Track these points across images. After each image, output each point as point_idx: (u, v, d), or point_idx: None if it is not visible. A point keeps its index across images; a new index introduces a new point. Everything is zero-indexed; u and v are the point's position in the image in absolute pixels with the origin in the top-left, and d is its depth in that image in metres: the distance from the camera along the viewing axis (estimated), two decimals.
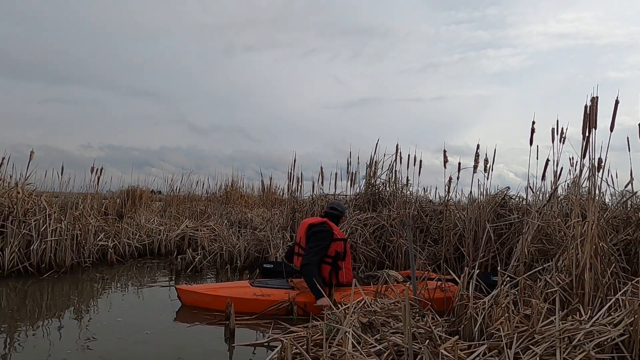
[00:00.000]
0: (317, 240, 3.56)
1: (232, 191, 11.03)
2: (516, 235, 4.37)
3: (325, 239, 3.58)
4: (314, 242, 3.55)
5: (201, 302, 3.47)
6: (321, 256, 3.54)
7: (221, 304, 3.34)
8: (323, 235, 3.59)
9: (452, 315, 2.84)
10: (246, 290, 3.47)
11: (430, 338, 2.38)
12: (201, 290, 3.54)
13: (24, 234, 4.79)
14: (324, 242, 3.56)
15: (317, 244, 3.54)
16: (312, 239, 3.58)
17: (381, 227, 4.97)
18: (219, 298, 3.40)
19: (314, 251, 3.50)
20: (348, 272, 3.66)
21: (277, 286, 3.57)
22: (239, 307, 3.31)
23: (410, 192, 5.60)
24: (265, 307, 3.36)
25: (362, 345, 2.22)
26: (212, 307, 3.41)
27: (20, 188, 5.07)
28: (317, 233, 3.60)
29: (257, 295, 3.40)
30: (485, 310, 2.50)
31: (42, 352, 2.48)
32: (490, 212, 4.50)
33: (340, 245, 3.65)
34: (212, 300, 3.42)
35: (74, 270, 4.97)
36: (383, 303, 2.96)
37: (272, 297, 3.40)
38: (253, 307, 3.35)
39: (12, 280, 4.44)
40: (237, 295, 3.42)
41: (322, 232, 3.61)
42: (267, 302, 3.37)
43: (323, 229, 3.63)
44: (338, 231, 3.74)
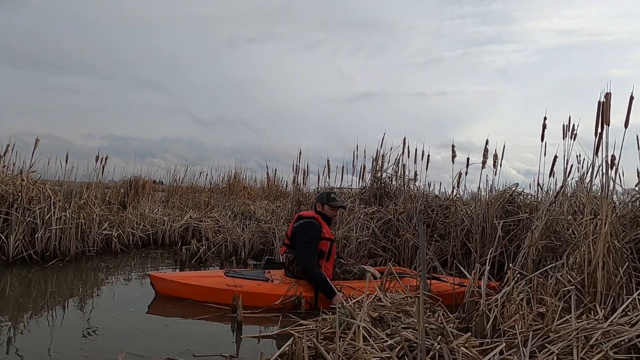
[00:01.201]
0: (309, 237, 3.44)
1: (235, 183, 11.01)
2: (524, 231, 4.34)
3: (314, 236, 3.46)
4: (305, 240, 3.42)
5: (174, 291, 3.40)
6: (315, 253, 3.43)
7: (193, 293, 3.31)
8: (312, 231, 3.47)
9: (462, 312, 2.82)
10: (219, 280, 3.39)
11: (442, 334, 2.36)
12: (174, 279, 3.44)
13: (28, 221, 4.77)
14: (314, 241, 3.44)
15: (310, 244, 3.42)
16: (301, 234, 3.46)
17: (388, 221, 4.94)
18: (191, 287, 3.34)
19: (309, 251, 3.39)
20: (327, 273, 3.49)
21: (251, 277, 3.49)
22: (210, 298, 3.27)
23: (417, 187, 5.57)
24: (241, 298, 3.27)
25: (374, 340, 2.20)
26: (185, 296, 3.34)
27: (25, 176, 5.04)
28: (307, 227, 3.49)
29: (229, 286, 3.31)
30: (498, 308, 2.48)
31: (46, 341, 2.47)
32: (498, 208, 4.47)
33: (326, 245, 3.53)
34: (185, 289, 3.35)
35: (78, 259, 4.96)
36: (393, 298, 2.93)
37: (244, 288, 3.31)
38: (225, 298, 3.26)
39: (16, 267, 4.43)
40: (210, 284, 3.35)
41: (312, 227, 3.49)
42: (239, 293, 3.21)
43: (312, 225, 3.50)
44: (327, 229, 3.62)
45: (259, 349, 2.50)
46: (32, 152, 5.23)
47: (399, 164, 5.77)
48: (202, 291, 3.32)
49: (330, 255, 3.55)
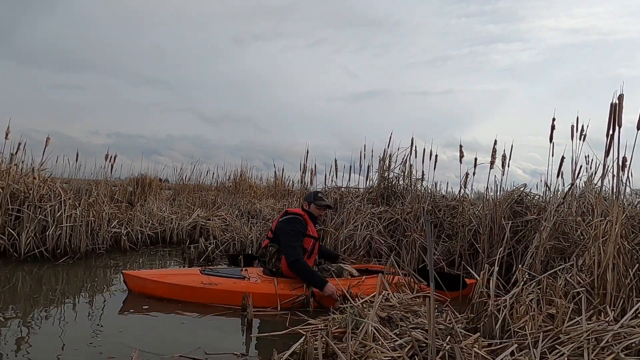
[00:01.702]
0: (295, 231, 3.43)
1: (241, 181, 11.06)
2: (532, 232, 4.34)
3: (300, 230, 3.46)
4: (291, 234, 3.42)
5: (148, 289, 3.34)
6: (302, 246, 3.43)
7: (167, 291, 3.27)
8: (298, 226, 3.47)
9: (470, 312, 2.83)
10: (194, 279, 3.33)
11: (450, 334, 2.37)
12: (147, 277, 3.37)
13: (39, 219, 4.83)
14: (300, 235, 3.44)
15: (296, 238, 3.41)
16: (287, 228, 3.45)
17: (395, 221, 4.95)
18: (165, 285, 3.29)
19: (295, 245, 3.38)
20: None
21: (227, 275, 3.45)
22: (185, 296, 3.25)
23: (424, 187, 5.57)
24: (212, 296, 3.25)
25: (383, 339, 2.21)
26: (159, 294, 3.29)
27: (36, 174, 5.10)
28: (292, 222, 3.49)
29: (205, 284, 3.27)
30: (507, 308, 2.48)
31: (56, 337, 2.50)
32: (506, 208, 4.46)
33: (309, 243, 3.53)
34: (158, 287, 3.30)
35: (88, 257, 5.01)
36: (401, 298, 2.95)
37: (220, 286, 3.28)
38: (200, 297, 3.24)
39: (28, 264, 4.48)
40: (184, 282, 3.29)
41: (298, 223, 3.49)
42: (213, 291, 3.25)
43: (298, 221, 3.51)
44: (312, 227, 3.63)
45: (269, 347, 2.53)
46: (43, 150, 5.29)
47: (406, 163, 5.78)
48: (176, 289, 3.27)
49: (312, 253, 3.57)
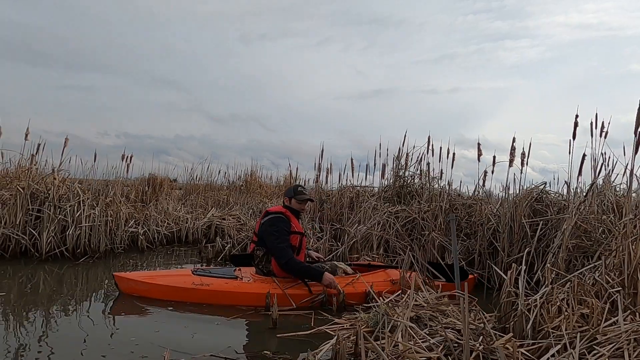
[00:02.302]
0: (279, 231, 3.40)
1: (252, 181, 11.08)
2: (552, 231, 4.30)
3: (285, 229, 3.42)
4: (277, 235, 3.38)
5: (138, 291, 3.34)
6: (289, 245, 3.40)
7: (159, 293, 3.28)
8: (282, 225, 3.43)
9: (499, 312, 2.81)
10: (185, 279, 3.33)
11: (482, 334, 2.35)
12: (138, 278, 3.37)
13: (59, 219, 4.88)
14: (286, 235, 3.41)
15: (282, 238, 3.38)
16: (272, 230, 3.41)
17: (412, 220, 4.92)
18: (155, 286, 3.30)
19: (283, 246, 3.35)
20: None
21: (219, 275, 3.44)
22: (176, 296, 3.25)
23: (440, 186, 5.54)
24: (203, 296, 3.24)
25: (415, 340, 2.20)
26: (149, 295, 3.30)
27: (55, 174, 5.15)
28: (276, 222, 3.44)
29: (196, 285, 3.27)
30: (537, 308, 2.46)
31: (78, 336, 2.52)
32: (526, 207, 4.42)
33: (296, 239, 3.49)
34: (149, 289, 3.30)
35: (107, 256, 5.06)
36: (427, 297, 2.94)
37: (211, 287, 3.27)
38: (192, 297, 3.24)
39: (49, 264, 4.53)
40: (175, 284, 3.29)
41: (281, 221, 3.45)
42: (204, 292, 3.24)
43: (281, 219, 3.46)
44: (296, 223, 3.58)
45: (297, 347, 2.53)
46: (62, 151, 5.34)
47: (421, 162, 5.76)
48: (168, 290, 3.27)
49: (300, 249, 3.52)
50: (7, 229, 4.69)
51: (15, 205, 4.81)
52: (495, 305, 3.48)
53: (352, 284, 3.39)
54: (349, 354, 2.22)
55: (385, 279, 3.55)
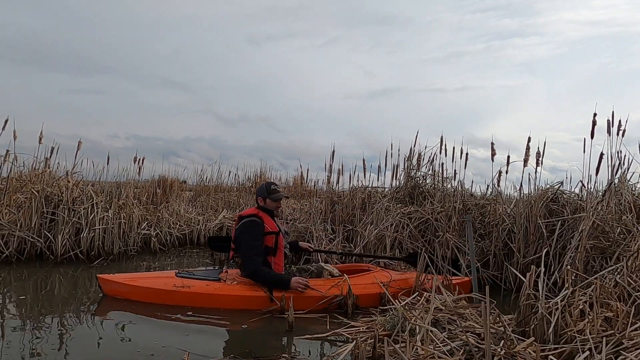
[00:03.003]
0: (250, 238, 3.31)
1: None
2: (569, 231, 4.23)
3: (256, 235, 3.33)
4: (248, 242, 3.30)
5: (121, 293, 3.33)
6: (259, 253, 3.30)
7: (141, 295, 3.26)
8: (253, 230, 3.33)
9: (518, 315, 2.76)
10: (167, 282, 3.29)
11: (503, 338, 2.32)
12: (120, 280, 3.35)
13: (73, 222, 4.92)
14: (257, 241, 3.31)
15: (252, 246, 3.29)
16: (243, 237, 3.33)
17: (425, 221, 4.88)
18: (137, 288, 3.28)
19: (251, 254, 3.26)
20: (278, 268, 3.39)
21: (202, 277, 3.39)
22: (158, 299, 3.22)
23: (452, 186, 5.49)
24: (184, 298, 3.21)
25: (434, 344, 2.17)
26: (132, 297, 3.28)
27: (69, 177, 5.19)
28: (247, 228, 3.35)
29: (177, 287, 3.23)
30: (559, 311, 2.42)
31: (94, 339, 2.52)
32: (542, 207, 4.36)
33: (271, 240, 3.38)
34: (131, 291, 3.29)
35: (121, 258, 5.09)
36: (445, 300, 2.90)
37: (192, 289, 3.22)
38: (173, 299, 3.21)
39: (64, 266, 4.57)
40: (156, 286, 3.27)
41: (253, 226, 3.35)
42: (185, 294, 3.21)
43: (252, 223, 3.36)
44: (270, 223, 3.45)
45: (313, 349, 2.52)
46: (75, 154, 5.40)
47: (433, 162, 5.71)
48: (149, 293, 3.26)
49: (277, 249, 3.40)
50: (22, 232, 4.74)
51: (30, 208, 4.87)
52: (512, 308, 3.43)
53: (337, 286, 3.30)
54: (368, 358, 2.20)
55: (373, 281, 3.43)
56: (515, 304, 3.54)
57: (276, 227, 3.48)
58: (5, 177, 5.68)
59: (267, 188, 3.59)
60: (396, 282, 3.50)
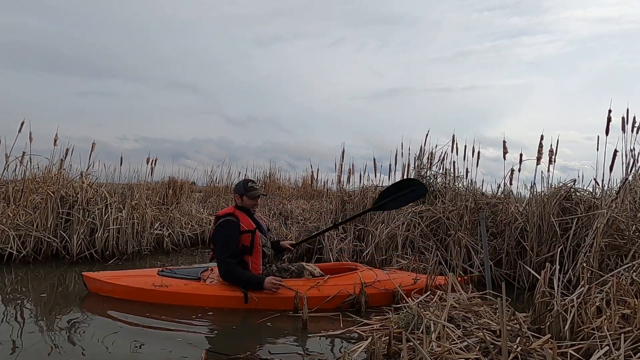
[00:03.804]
0: (224, 239, 3.27)
1: (270, 183, 11.15)
2: (583, 229, 4.20)
3: (230, 235, 3.28)
4: (222, 244, 3.27)
5: (103, 290, 3.39)
6: (234, 254, 3.26)
7: (122, 293, 3.31)
8: (227, 231, 3.29)
9: (533, 313, 2.75)
10: (147, 280, 3.32)
11: (519, 335, 2.31)
12: (103, 278, 3.41)
13: (88, 222, 4.99)
14: (231, 242, 3.27)
15: (226, 247, 3.25)
16: (218, 238, 3.31)
17: (437, 220, 4.88)
18: (119, 287, 3.33)
19: (226, 255, 3.23)
20: (255, 267, 3.34)
21: (182, 276, 3.40)
22: (138, 297, 3.26)
23: (463, 185, 5.48)
24: (162, 297, 3.23)
25: (451, 340, 2.17)
26: (113, 295, 3.34)
27: (84, 178, 5.28)
28: (222, 228, 3.31)
29: (156, 286, 3.25)
30: (575, 308, 2.41)
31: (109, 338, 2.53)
32: (555, 205, 4.33)
33: (247, 239, 3.31)
34: (113, 289, 3.35)
35: (134, 258, 5.16)
36: (459, 298, 2.90)
37: (170, 288, 3.24)
38: (152, 298, 3.24)
39: (79, 266, 4.63)
40: (136, 284, 3.30)
41: (227, 226, 3.30)
42: (163, 293, 3.23)
43: (227, 223, 3.31)
44: (246, 221, 3.38)
45: (328, 347, 2.53)
46: (89, 155, 5.50)
47: (443, 161, 5.71)
48: (129, 291, 3.30)
49: (253, 248, 3.34)
50: (39, 232, 4.83)
51: (46, 209, 4.95)
52: (525, 306, 3.42)
53: (317, 287, 3.28)
54: (383, 355, 2.21)
55: (356, 281, 3.37)
56: (529, 302, 3.54)
57: (252, 225, 3.40)
58: (21, 178, 5.80)
59: (244, 185, 3.50)
60: (381, 282, 3.43)
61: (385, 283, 3.43)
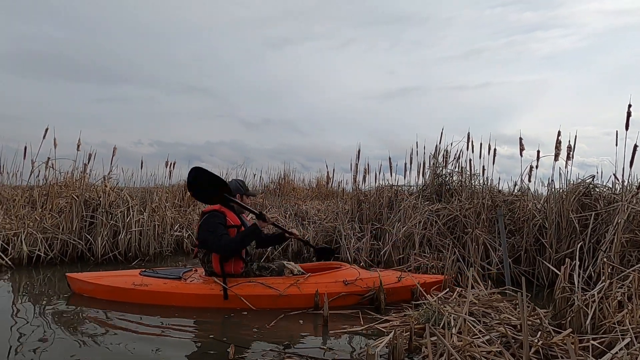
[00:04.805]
0: (214, 227, 3.32)
1: (285, 184, 11.23)
2: (603, 225, 4.16)
3: (219, 224, 3.33)
4: (213, 229, 3.31)
5: (87, 291, 3.44)
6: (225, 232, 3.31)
7: (103, 293, 3.36)
8: (215, 221, 3.35)
9: (553, 308, 2.76)
10: (127, 280, 3.37)
11: (539, 330, 2.33)
12: (85, 278, 3.46)
13: (111, 224, 5.13)
14: (219, 229, 3.31)
15: (217, 231, 3.29)
16: (207, 227, 3.35)
17: (453, 218, 4.88)
18: (99, 286, 3.38)
19: (216, 236, 3.27)
20: (237, 262, 3.38)
21: (163, 276, 3.43)
22: (118, 297, 3.30)
23: (479, 182, 5.47)
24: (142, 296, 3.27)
25: (473, 334, 2.20)
26: (95, 295, 3.39)
27: (106, 182, 5.43)
28: (210, 218, 3.38)
29: (135, 285, 3.29)
30: (596, 303, 2.41)
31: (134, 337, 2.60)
32: (574, 201, 4.30)
33: (232, 233, 3.38)
34: (94, 289, 3.40)
35: (156, 259, 5.28)
36: (478, 294, 2.92)
37: (149, 287, 3.28)
38: (132, 297, 3.28)
39: (104, 267, 4.76)
40: (116, 284, 3.35)
41: (215, 217, 3.38)
42: (142, 292, 3.26)
43: (214, 216, 3.39)
44: (232, 217, 3.46)
45: (349, 343, 2.58)
46: (111, 159, 5.65)
47: (459, 159, 5.71)
48: (110, 290, 3.35)
49: None
50: (65, 235, 4.99)
51: (71, 212, 5.11)
52: (545, 303, 3.41)
53: (296, 285, 3.29)
54: (405, 350, 2.25)
55: (337, 279, 3.40)
56: (549, 299, 3.53)
57: (238, 221, 3.49)
58: (46, 183, 6.00)
59: (243, 186, 3.65)
60: (363, 280, 3.44)
61: (367, 281, 3.43)
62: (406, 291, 3.46)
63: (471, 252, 4.33)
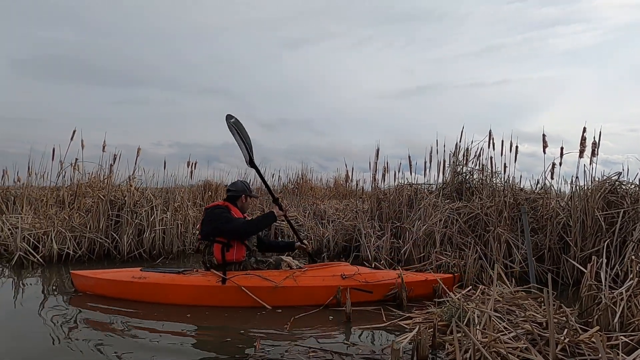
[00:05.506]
0: (220, 217, 3.42)
1: (303, 184, 11.30)
2: (630, 223, 4.07)
3: (225, 214, 3.45)
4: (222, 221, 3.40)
5: (89, 287, 3.50)
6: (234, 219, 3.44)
7: (103, 288, 3.42)
8: (220, 211, 3.47)
9: (580, 306, 2.73)
10: (127, 274, 3.44)
11: (565, 327, 2.31)
12: (87, 275, 3.54)
13: (136, 223, 5.27)
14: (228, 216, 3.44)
15: (226, 219, 3.41)
16: (216, 218, 3.44)
17: (475, 216, 4.84)
18: (99, 281, 3.44)
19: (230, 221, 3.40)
20: (239, 251, 3.46)
21: (162, 271, 3.48)
22: (117, 291, 3.35)
23: (501, 180, 5.41)
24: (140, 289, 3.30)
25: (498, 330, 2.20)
26: (96, 290, 3.45)
27: (131, 182, 5.57)
28: (216, 210, 3.50)
29: (134, 278, 3.34)
30: (624, 301, 2.38)
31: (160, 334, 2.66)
32: (599, 199, 4.22)
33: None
34: (94, 284, 3.46)
35: (179, 257, 5.40)
36: (501, 292, 2.90)
37: (147, 279, 3.32)
38: (130, 290, 3.32)
39: (129, 264, 4.86)
40: (115, 278, 3.42)
41: (219, 209, 3.50)
42: (140, 285, 3.30)
43: (218, 208, 3.52)
44: (237, 212, 3.59)
45: (372, 339, 2.61)
46: (135, 160, 5.79)
47: (479, 157, 5.65)
48: (110, 285, 3.41)
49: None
50: (92, 233, 5.14)
51: (97, 211, 5.26)
52: (570, 302, 3.36)
53: (292, 277, 3.32)
54: (428, 346, 2.26)
55: (334, 273, 3.43)
56: (574, 297, 3.48)
57: (242, 215, 3.65)
58: (72, 184, 6.19)
59: (247, 187, 3.83)
60: (361, 274, 3.46)
61: (366, 276, 3.45)
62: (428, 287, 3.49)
63: (493, 250, 4.29)
